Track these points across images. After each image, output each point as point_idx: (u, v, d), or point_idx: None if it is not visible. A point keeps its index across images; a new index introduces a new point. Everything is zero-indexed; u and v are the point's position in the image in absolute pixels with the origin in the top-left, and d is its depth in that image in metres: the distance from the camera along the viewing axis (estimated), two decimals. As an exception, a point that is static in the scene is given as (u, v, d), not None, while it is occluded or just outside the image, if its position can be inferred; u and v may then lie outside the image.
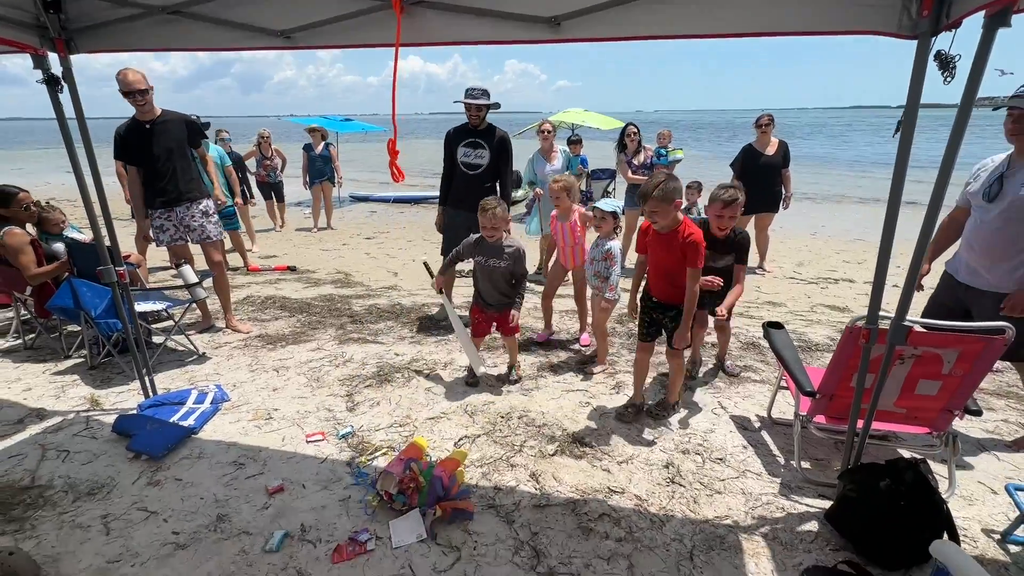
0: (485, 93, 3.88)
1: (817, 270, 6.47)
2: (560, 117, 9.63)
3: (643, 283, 2.91)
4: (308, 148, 8.45)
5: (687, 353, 3.03)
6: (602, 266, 3.34)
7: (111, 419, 2.83)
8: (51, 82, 2.36)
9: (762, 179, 5.73)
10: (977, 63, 1.52)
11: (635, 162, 5.92)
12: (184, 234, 3.86)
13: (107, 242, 2.79)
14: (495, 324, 3.33)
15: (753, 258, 6.40)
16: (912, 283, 1.90)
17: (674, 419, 2.90)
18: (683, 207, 6.06)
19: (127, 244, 4.96)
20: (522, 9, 1.86)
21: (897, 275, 6.06)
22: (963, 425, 2.80)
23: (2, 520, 2.11)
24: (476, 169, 3.95)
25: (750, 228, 6.12)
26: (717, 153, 23.73)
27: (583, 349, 3.84)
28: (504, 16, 1.89)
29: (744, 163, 5.77)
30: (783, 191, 5.86)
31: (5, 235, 3.51)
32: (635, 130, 5.96)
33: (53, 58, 2.35)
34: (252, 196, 7.65)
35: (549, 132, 5.64)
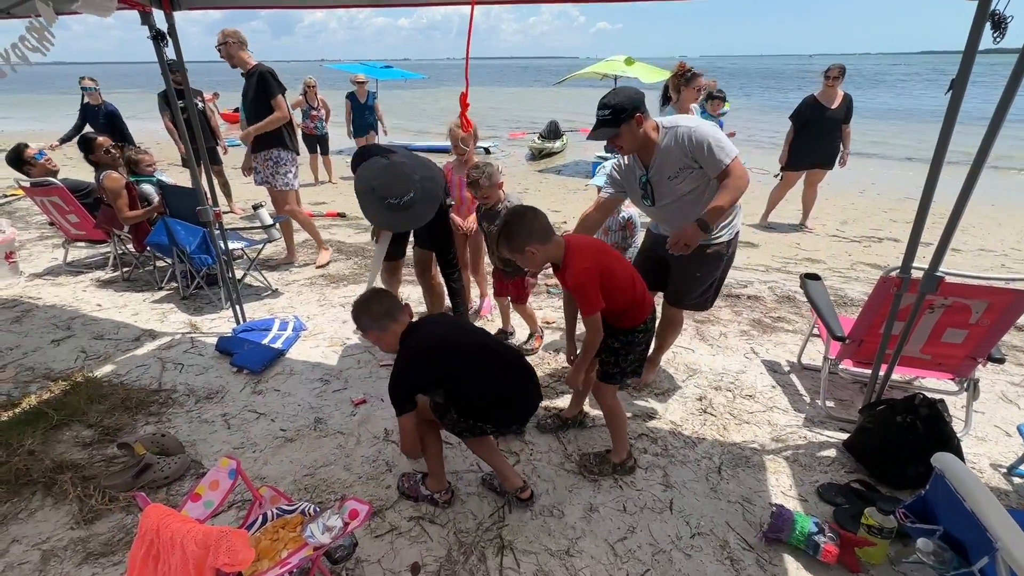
0: (416, 209, 2.49)
1: (861, 229, 6.39)
2: (600, 68, 9.34)
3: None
4: (352, 97, 8.54)
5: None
6: (619, 236, 3.02)
7: (211, 340, 3.29)
8: (158, 38, 2.62)
9: (823, 133, 5.55)
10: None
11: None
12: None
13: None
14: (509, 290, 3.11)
15: (795, 215, 6.39)
16: (949, 236, 2.02)
17: (707, 361, 3.15)
18: None
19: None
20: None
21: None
22: (990, 377, 2.95)
23: (145, 414, 2.58)
24: None
25: (800, 183, 6.05)
26: (765, 105, 22.53)
27: (486, 318, 3.63)
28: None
29: (807, 116, 5.55)
30: (841, 147, 5.65)
31: (104, 179, 3.92)
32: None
33: (157, 15, 2.61)
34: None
35: (695, 81, 4.06)
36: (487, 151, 11.74)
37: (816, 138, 5.58)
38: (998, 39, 1.72)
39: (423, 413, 1.91)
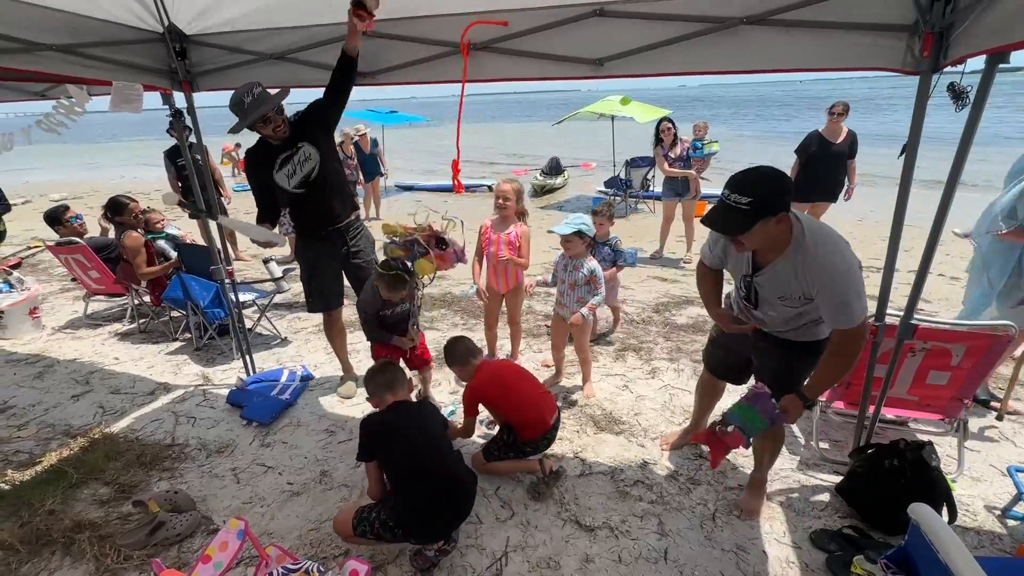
0: (261, 95, 2.54)
1: (859, 258, 6.42)
2: (596, 108, 9.66)
3: None
4: (356, 147, 8.87)
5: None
6: (585, 290, 3.04)
7: (222, 392, 3.42)
8: (177, 115, 2.87)
9: (828, 168, 5.60)
10: (980, 95, 1.73)
11: (671, 155, 6.07)
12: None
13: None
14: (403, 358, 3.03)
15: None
16: (921, 282, 2.12)
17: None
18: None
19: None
20: (570, 52, 2.17)
21: (947, 262, 5.99)
22: (986, 412, 2.97)
23: (159, 470, 2.69)
24: (308, 180, 2.79)
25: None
26: (761, 135, 22.98)
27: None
28: (554, 58, 2.21)
29: (812, 151, 5.64)
30: (846, 182, 5.69)
31: (125, 238, 4.15)
32: (669, 126, 6.09)
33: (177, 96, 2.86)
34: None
35: None
36: (490, 189, 12.07)
37: (821, 172, 5.63)
38: (959, 108, 1.85)
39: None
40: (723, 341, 2.42)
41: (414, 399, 2.97)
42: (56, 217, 4.50)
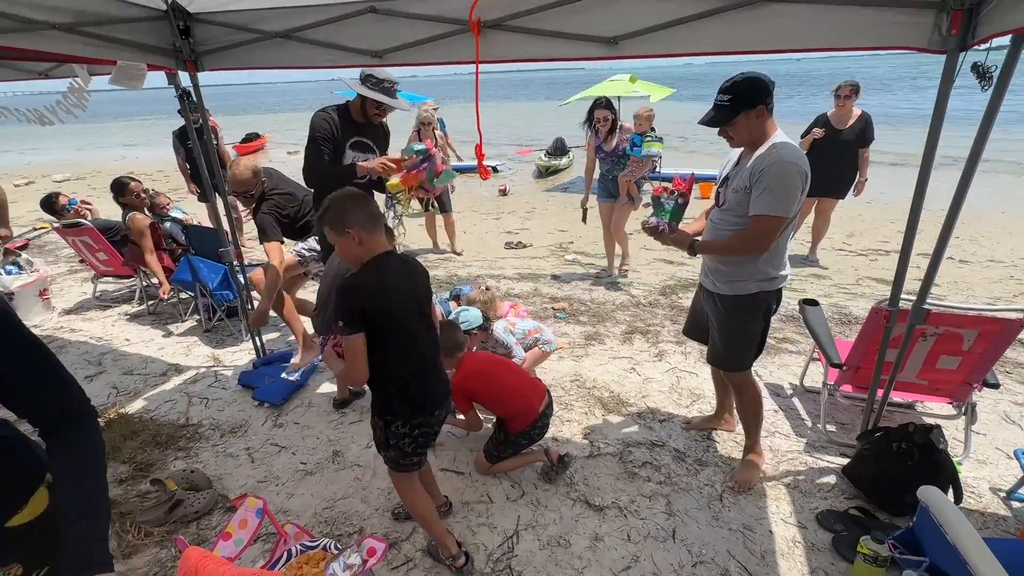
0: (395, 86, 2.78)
1: (868, 241, 6.40)
2: (604, 89, 9.49)
3: None
4: None
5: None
6: (502, 352, 2.98)
7: (232, 373, 3.45)
8: (183, 96, 2.83)
9: (834, 157, 4.82)
10: (1004, 76, 1.69)
11: (605, 147, 4.61)
12: None
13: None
14: None
15: (802, 247, 5.90)
16: (935, 268, 2.10)
17: (711, 385, 3.22)
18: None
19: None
20: (583, 30, 2.12)
21: (955, 245, 5.93)
22: (993, 396, 2.99)
23: (174, 449, 2.74)
24: (363, 178, 2.89)
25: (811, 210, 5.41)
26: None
27: None
28: (567, 36, 2.15)
29: (818, 138, 4.92)
30: (857, 174, 5.01)
31: (131, 220, 4.15)
32: (606, 114, 4.51)
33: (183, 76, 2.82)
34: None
35: None
36: (495, 170, 11.95)
37: (824, 161, 4.56)
38: (985, 88, 1.80)
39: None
40: (694, 303, 2.61)
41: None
42: (51, 206, 4.50)
